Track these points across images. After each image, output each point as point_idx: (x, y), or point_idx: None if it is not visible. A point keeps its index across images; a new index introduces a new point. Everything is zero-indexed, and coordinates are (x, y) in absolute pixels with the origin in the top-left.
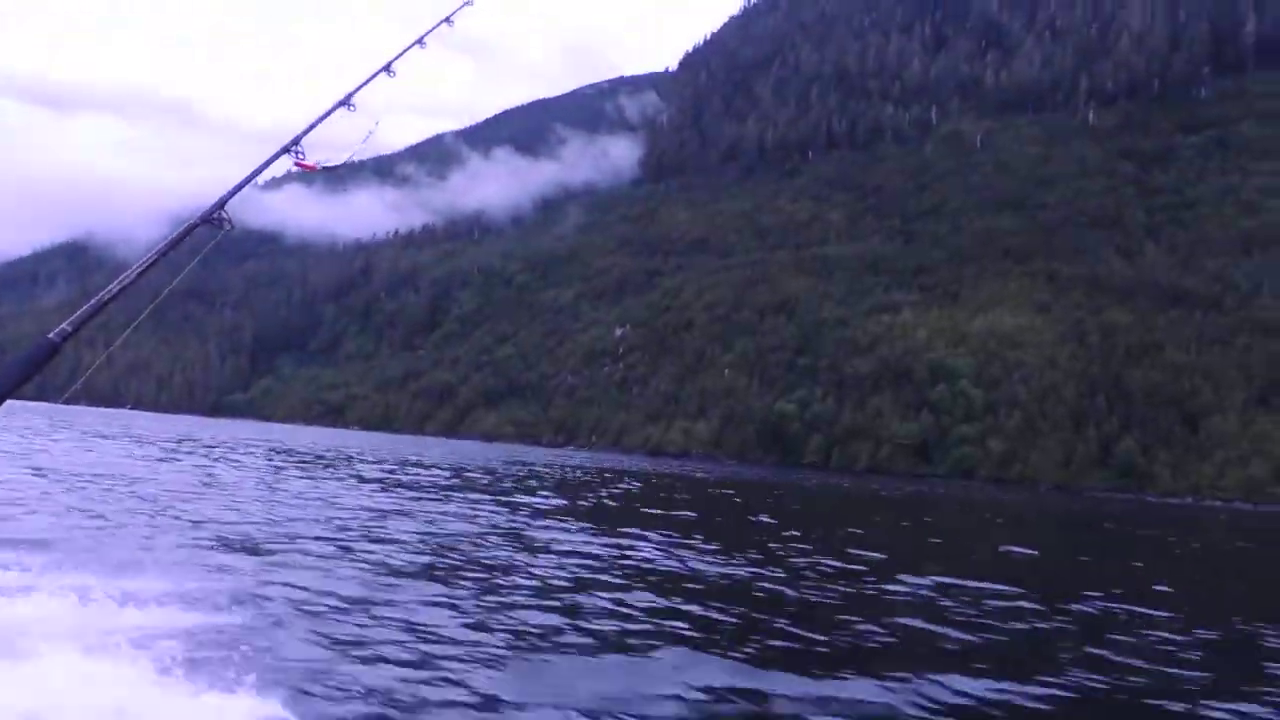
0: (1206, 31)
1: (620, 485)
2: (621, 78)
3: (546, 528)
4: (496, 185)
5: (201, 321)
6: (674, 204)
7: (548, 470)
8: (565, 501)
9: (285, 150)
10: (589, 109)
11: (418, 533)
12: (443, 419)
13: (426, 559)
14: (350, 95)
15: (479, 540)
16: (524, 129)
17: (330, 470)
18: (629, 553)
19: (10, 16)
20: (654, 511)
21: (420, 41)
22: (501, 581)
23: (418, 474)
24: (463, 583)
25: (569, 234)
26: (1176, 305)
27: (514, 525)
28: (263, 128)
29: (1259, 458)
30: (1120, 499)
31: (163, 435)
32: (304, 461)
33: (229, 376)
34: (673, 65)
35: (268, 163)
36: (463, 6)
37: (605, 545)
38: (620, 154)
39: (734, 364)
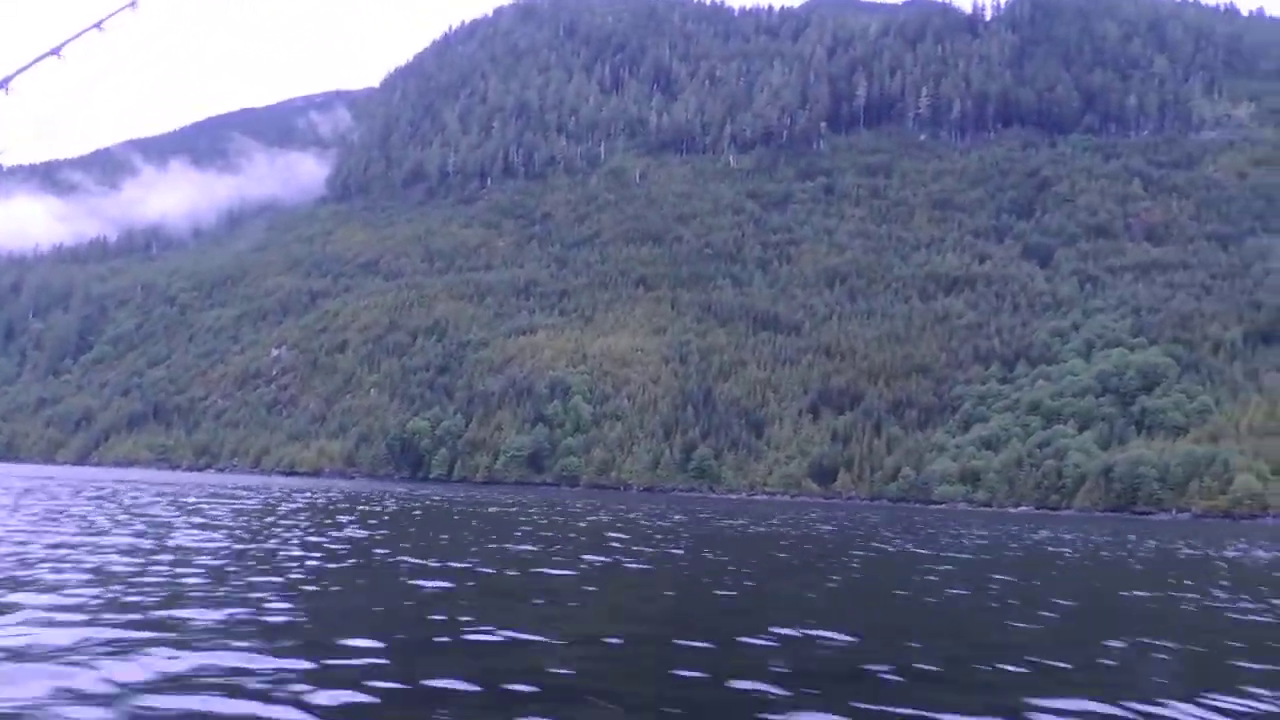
0: (827, 93)
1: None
2: (338, 92)
3: None
4: (176, 198)
5: None
6: (353, 225)
7: None
8: None
9: None
10: (282, 124)
11: None
12: (76, 446)
13: None
14: (9, 79)
15: None
16: (204, 142)
17: None
18: None
19: None
20: None
21: (99, 25)
22: None
23: None
24: None
25: (245, 252)
26: (766, 329)
27: None
28: None
29: (800, 458)
30: (693, 495)
31: None
32: None
33: None
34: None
35: None
36: None
37: None
38: (309, 171)
39: (379, 384)
